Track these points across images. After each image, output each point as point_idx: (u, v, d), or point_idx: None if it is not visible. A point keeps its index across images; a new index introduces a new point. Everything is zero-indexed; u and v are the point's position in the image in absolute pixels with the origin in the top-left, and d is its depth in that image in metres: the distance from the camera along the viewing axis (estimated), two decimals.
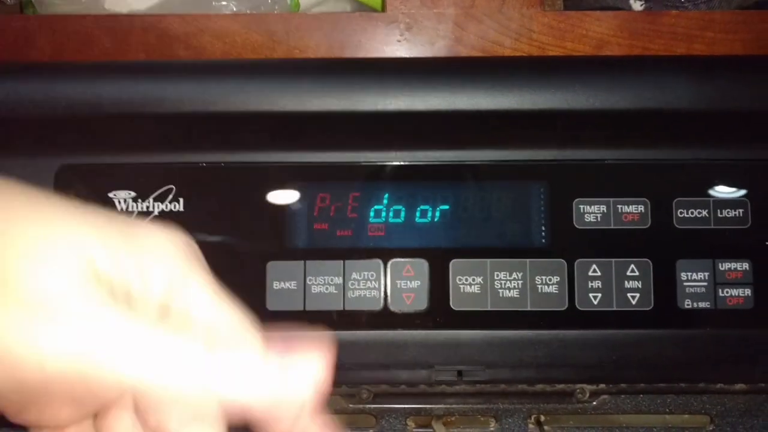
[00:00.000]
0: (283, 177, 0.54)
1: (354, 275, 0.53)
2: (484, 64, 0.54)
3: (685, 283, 0.53)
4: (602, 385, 0.61)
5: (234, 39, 0.53)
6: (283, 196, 0.54)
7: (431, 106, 0.52)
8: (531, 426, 0.62)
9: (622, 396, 0.61)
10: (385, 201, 0.54)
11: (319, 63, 0.54)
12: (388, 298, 0.53)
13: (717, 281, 0.53)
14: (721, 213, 0.53)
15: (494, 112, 0.53)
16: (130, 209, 0.53)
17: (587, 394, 0.61)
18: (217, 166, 0.54)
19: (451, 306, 0.53)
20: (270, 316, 0.52)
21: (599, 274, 0.53)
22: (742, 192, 0.54)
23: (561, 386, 0.60)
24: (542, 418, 0.61)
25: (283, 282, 0.53)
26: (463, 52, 0.54)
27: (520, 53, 0.54)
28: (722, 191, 0.54)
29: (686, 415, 0.62)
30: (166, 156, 0.54)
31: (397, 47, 0.54)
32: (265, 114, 0.52)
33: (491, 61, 0.55)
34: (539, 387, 0.61)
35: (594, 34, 0.54)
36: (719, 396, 0.61)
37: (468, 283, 0.53)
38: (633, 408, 0.61)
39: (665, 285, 0.53)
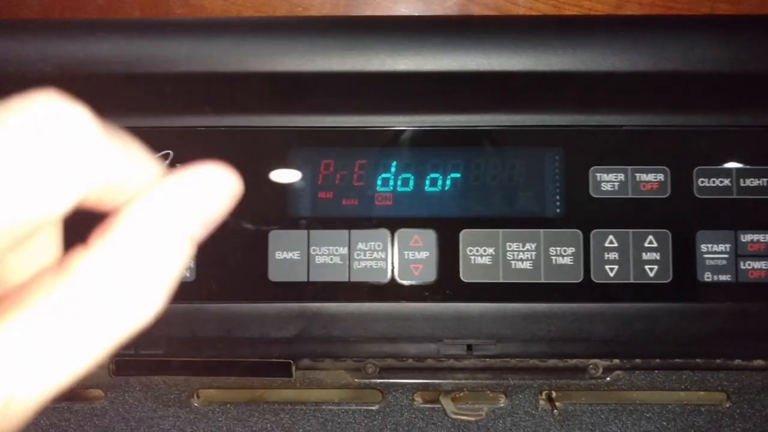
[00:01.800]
0: (286, 142, 0.52)
1: (360, 245, 0.51)
2: (498, 23, 0.52)
3: (705, 255, 0.51)
4: (616, 361, 0.59)
5: None
6: (285, 163, 0.52)
7: (441, 67, 0.50)
8: (542, 402, 0.60)
9: (637, 372, 0.59)
10: (393, 169, 0.52)
11: (323, 21, 0.52)
12: (396, 269, 0.51)
13: (738, 253, 0.51)
14: (744, 182, 0.51)
15: (507, 75, 0.51)
16: None
17: (600, 370, 0.59)
18: (217, 131, 0.51)
19: (461, 278, 0.51)
20: (272, 287, 0.51)
21: (616, 245, 0.51)
22: (767, 160, 0.51)
23: (573, 362, 0.59)
24: (554, 394, 0.60)
25: (285, 252, 0.51)
26: (476, 10, 0.52)
27: (536, 12, 0.52)
28: (745, 159, 0.51)
29: (702, 392, 0.60)
30: (163, 119, 0.51)
31: (405, 5, 0.52)
32: (266, 75, 0.50)
33: (505, 21, 0.52)
34: (551, 362, 0.59)
35: None
36: (737, 372, 0.60)
37: (479, 254, 0.51)
38: (647, 384, 0.60)
39: (684, 257, 0.51)
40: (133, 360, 0.57)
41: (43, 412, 0.60)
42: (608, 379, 0.59)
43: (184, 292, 0.50)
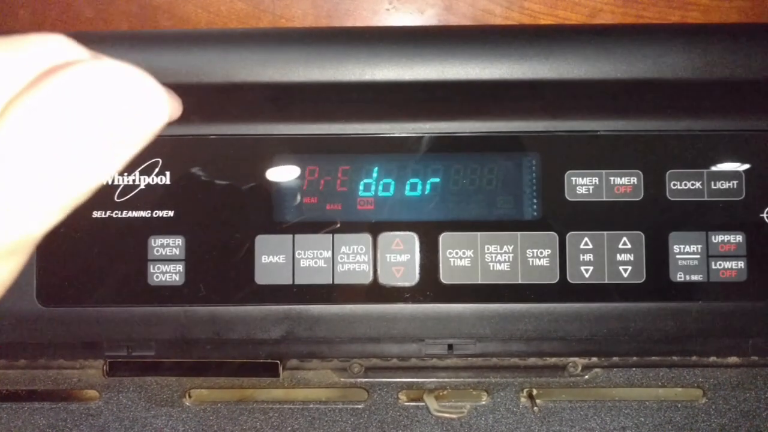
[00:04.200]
0: (271, 150, 0.53)
1: (343, 249, 0.52)
2: (475, 33, 0.53)
3: (678, 256, 0.52)
4: (594, 359, 0.60)
5: (219, 8, 0.52)
6: (271, 169, 0.53)
7: (420, 76, 0.52)
8: (523, 399, 0.61)
9: (615, 370, 0.61)
10: (374, 174, 0.53)
11: (306, 32, 0.53)
12: (378, 271, 0.52)
13: (710, 254, 0.52)
14: (715, 185, 0.53)
15: (485, 83, 0.52)
16: (115, 183, 0.52)
17: (579, 368, 0.61)
18: (204, 139, 0.53)
19: (441, 279, 0.52)
20: (259, 290, 0.52)
21: (591, 246, 0.52)
22: (737, 164, 0.53)
23: (553, 360, 0.60)
24: (534, 391, 0.61)
25: (271, 256, 0.52)
26: (453, 20, 0.53)
27: (512, 22, 0.54)
28: (716, 163, 0.53)
29: (679, 389, 0.62)
30: None
31: (385, 16, 0.53)
32: (251, 85, 0.51)
33: (482, 30, 0.54)
34: (531, 361, 0.60)
35: (587, 1, 0.53)
36: (712, 369, 0.61)
37: (458, 257, 0.52)
38: (625, 381, 0.61)
39: (658, 258, 0.52)
40: (126, 361, 0.59)
41: (40, 412, 0.61)
42: (587, 376, 0.61)
43: (173, 295, 0.52)
